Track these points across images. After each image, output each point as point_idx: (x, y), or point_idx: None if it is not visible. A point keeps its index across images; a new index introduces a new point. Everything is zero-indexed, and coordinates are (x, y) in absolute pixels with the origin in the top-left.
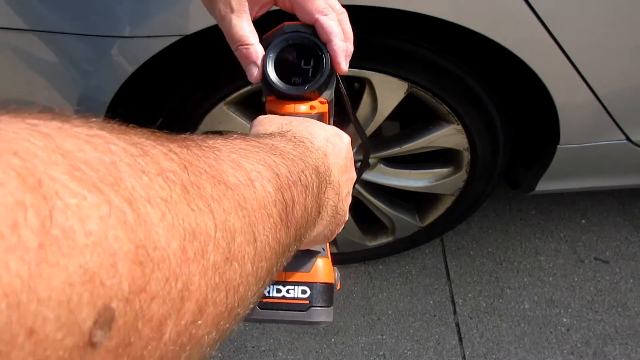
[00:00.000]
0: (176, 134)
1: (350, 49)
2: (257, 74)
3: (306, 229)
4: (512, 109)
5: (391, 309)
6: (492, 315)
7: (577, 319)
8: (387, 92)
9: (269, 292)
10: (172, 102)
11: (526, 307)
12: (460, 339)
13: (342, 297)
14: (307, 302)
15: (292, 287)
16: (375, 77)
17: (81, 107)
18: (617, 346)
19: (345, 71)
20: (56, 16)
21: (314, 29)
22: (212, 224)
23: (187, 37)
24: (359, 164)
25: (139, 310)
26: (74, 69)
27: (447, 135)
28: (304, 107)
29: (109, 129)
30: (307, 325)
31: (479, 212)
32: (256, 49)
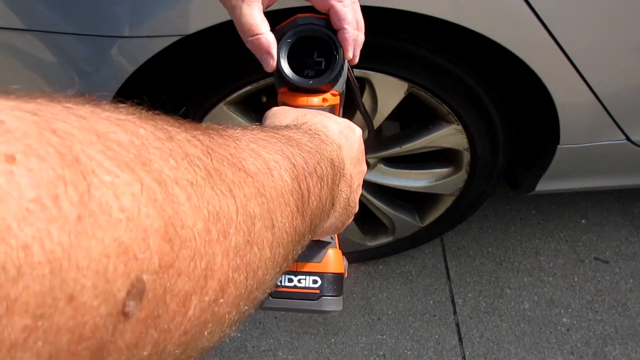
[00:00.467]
0: (197, 122)
1: (361, 38)
2: (273, 63)
3: (320, 219)
4: (512, 109)
5: (391, 309)
6: (492, 315)
7: (577, 319)
8: (387, 92)
9: (281, 281)
10: (172, 102)
11: (526, 307)
12: (460, 339)
13: (342, 297)
14: (318, 291)
15: (303, 277)
16: (375, 77)
17: None
18: (617, 346)
19: (355, 61)
20: (56, 16)
21: (327, 22)
22: (234, 208)
23: (187, 37)
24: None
25: (167, 285)
26: (73, 69)
27: (447, 135)
28: (316, 100)
29: (137, 114)
30: (318, 313)
31: (479, 212)
32: (267, 38)
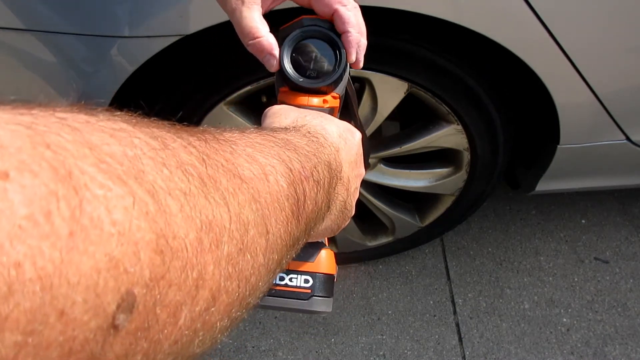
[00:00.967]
0: (194, 126)
1: (364, 43)
2: (276, 63)
3: (315, 222)
4: (512, 109)
5: (391, 309)
6: (492, 315)
7: (577, 319)
8: (387, 92)
9: (274, 279)
10: (172, 102)
11: (526, 307)
12: (460, 339)
13: (342, 297)
14: (309, 291)
15: (295, 275)
16: (375, 77)
17: None
18: (617, 346)
19: (359, 65)
20: (56, 16)
21: (331, 25)
22: (227, 216)
23: (187, 37)
24: None
25: (158, 296)
26: (73, 69)
27: (447, 135)
28: (316, 100)
29: (132, 122)
30: (307, 313)
31: (479, 212)
32: (268, 40)
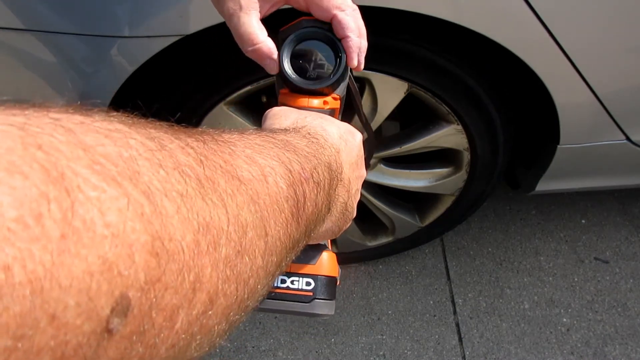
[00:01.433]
0: (193, 127)
1: (364, 45)
2: (276, 66)
3: (316, 224)
4: (512, 109)
5: (391, 309)
6: (492, 315)
7: (577, 319)
8: (387, 92)
9: (273, 282)
10: (172, 102)
11: (526, 307)
12: (460, 339)
13: (342, 297)
14: (311, 294)
15: (296, 278)
16: (375, 77)
17: None
18: (617, 346)
19: (360, 68)
20: (56, 16)
21: (330, 26)
22: (225, 218)
23: (187, 37)
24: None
25: (154, 299)
26: (73, 69)
27: (447, 135)
28: (317, 102)
29: (128, 123)
30: (309, 316)
31: (479, 212)
32: (267, 45)
